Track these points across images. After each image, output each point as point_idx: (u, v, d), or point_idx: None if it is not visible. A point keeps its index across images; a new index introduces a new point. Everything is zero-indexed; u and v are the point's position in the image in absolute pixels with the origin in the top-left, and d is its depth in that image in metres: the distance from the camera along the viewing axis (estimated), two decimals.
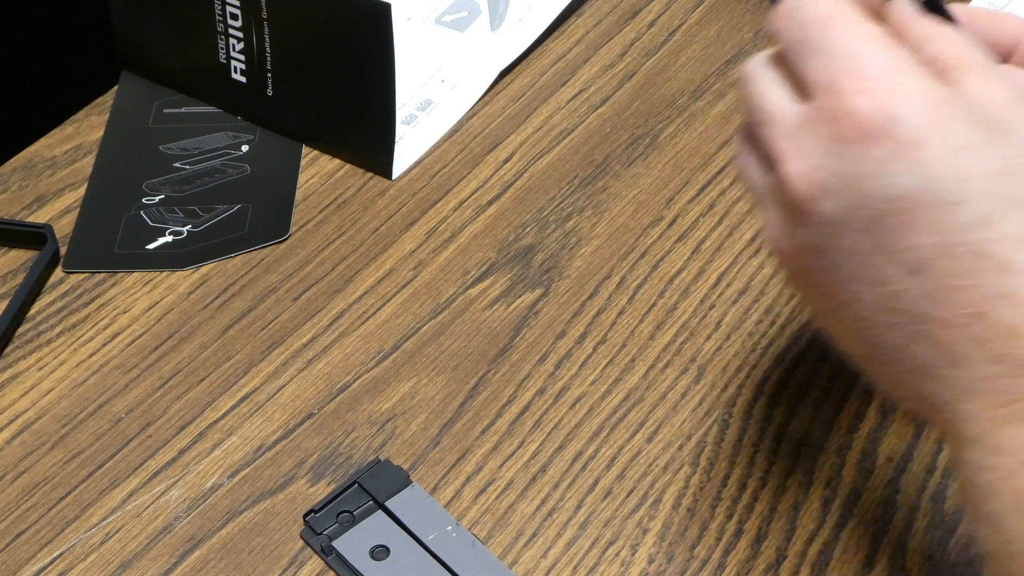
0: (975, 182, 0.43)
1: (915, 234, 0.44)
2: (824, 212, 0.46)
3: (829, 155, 0.45)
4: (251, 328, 0.67)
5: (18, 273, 0.69)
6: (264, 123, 0.77)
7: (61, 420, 0.63)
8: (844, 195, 0.45)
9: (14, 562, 0.58)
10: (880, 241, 0.45)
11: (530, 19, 0.82)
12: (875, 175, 0.44)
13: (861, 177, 0.44)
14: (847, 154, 0.45)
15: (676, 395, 0.63)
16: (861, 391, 0.63)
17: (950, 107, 0.44)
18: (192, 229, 0.71)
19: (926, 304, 0.44)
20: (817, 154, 0.45)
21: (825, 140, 0.45)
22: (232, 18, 0.75)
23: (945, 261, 0.43)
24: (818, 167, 0.45)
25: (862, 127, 0.44)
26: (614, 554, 0.58)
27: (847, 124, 0.44)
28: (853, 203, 0.45)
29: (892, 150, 0.44)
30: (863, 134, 0.44)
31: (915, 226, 0.44)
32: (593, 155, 0.75)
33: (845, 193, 0.45)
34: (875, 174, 0.44)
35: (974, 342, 0.43)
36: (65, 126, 0.77)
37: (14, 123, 1.22)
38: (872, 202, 0.44)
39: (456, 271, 0.69)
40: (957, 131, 0.44)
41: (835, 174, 0.45)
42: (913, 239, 0.44)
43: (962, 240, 0.43)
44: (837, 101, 0.45)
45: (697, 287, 0.68)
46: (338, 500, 0.59)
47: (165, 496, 0.60)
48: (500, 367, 0.65)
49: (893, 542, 0.58)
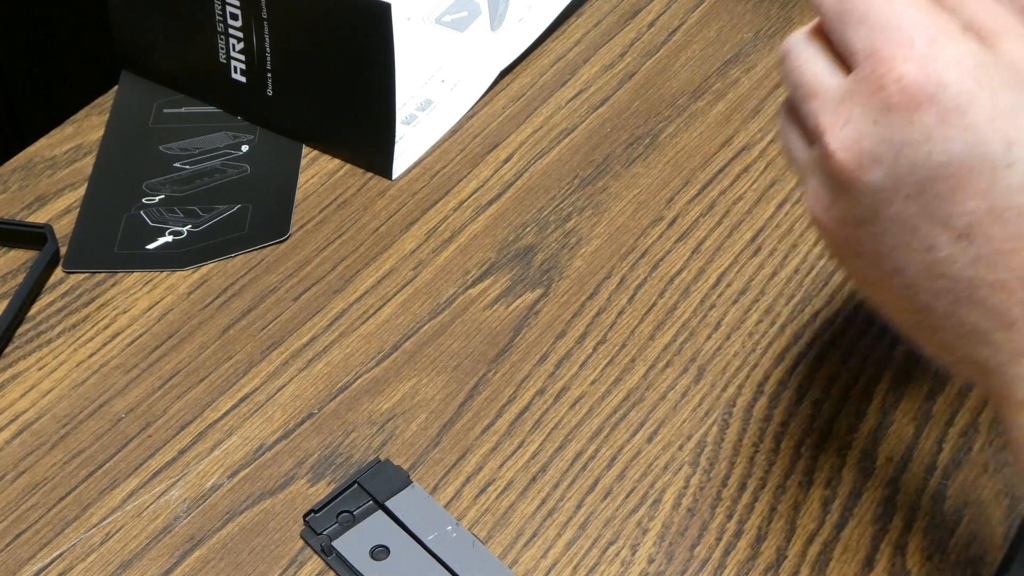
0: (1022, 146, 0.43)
1: (964, 199, 0.44)
2: (871, 181, 0.46)
3: (875, 124, 0.45)
4: (251, 328, 0.67)
5: (18, 273, 0.69)
6: (264, 123, 0.77)
7: (61, 420, 0.63)
8: (892, 163, 0.45)
9: (14, 562, 0.58)
10: (928, 207, 0.45)
11: (530, 19, 0.82)
12: (922, 142, 0.44)
13: (909, 144, 0.44)
14: (894, 122, 0.45)
15: (676, 395, 0.63)
16: (861, 391, 0.63)
17: (995, 71, 0.44)
18: (192, 229, 0.71)
19: (976, 268, 0.44)
20: (863, 123, 0.45)
21: (871, 109, 0.45)
22: (232, 18, 0.75)
23: (995, 225, 0.44)
24: (865, 136, 0.45)
25: (909, 94, 0.44)
26: (614, 554, 0.58)
27: (894, 91, 0.44)
28: (901, 170, 0.45)
29: (939, 116, 0.44)
30: (910, 101, 0.44)
31: (964, 191, 0.44)
32: (593, 155, 0.75)
33: (892, 161, 0.45)
34: (922, 141, 0.44)
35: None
36: (65, 126, 0.77)
37: (14, 123, 1.22)
38: (920, 169, 0.45)
39: (456, 271, 0.69)
40: (1003, 95, 0.44)
41: (883, 142, 0.45)
42: (962, 204, 0.44)
43: (1011, 204, 0.43)
44: (882, 69, 0.45)
45: (697, 287, 0.68)
46: (338, 500, 0.59)
47: (165, 496, 0.60)
48: (500, 367, 0.65)
49: (893, 542, 0.58)
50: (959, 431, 0.62)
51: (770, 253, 0.69)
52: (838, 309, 0.67)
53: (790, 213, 0.71)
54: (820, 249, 0.69)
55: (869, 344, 0.65)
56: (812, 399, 0.63)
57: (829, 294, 0.67)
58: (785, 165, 0.74)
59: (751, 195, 0.72)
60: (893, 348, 0.65)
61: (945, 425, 0.62)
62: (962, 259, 0.45)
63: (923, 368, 0.64)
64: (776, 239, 0.70)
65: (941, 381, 0.64)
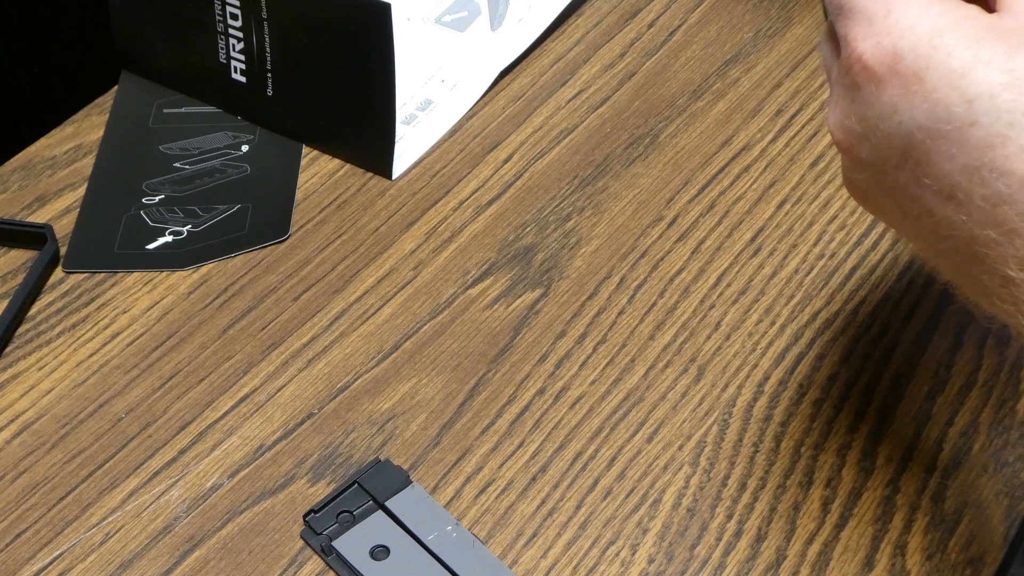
0: (982, 101, 0.44)
1: (939, 162, 0.45)
2: (863, 157, 0.48)
3: (852, 103, 0.47)
4: (251, 328, 0.67)
5: (18, 273, 0.69)
6: (264, 123, 0.77)
7: (61, 420, 0.63)
8: (871, 139, 0.47)
9: (14, 562, 0.58)
10: (915, 175, 0.46)
11: (530, 19, 0.82)
12: (891, 114, 0.46)
13: (881, 118, 0.46)
14: (864, 98, 0.46)
15: (676, 395, 0.63)
16: (861, 391, 0.63)
17: (951, 29, 0.45)
18: (192, 229, 0.71)
19: (970, 228, 0.45)
20: (844, 103, 0.48)
21: (847, 89, 0.47)
22: (232, 18, 0.75)
23: (973, 184, 0.44)
24: (847, 115, 0.47)
25: (870, 70, 0.46)
26: (614, 554, 0.58)
27: (858, 70, 0.46)
28: (881, 144, 0.47)
29: (901, 86, 0.45)
30: (872, 77, 0.46)
31: (938, 154, 0.45)
32: (593, 155, 0.75)
33: (873, 136, 0.47)
34: (891, 113, 0.46)
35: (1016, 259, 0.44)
36: (65, 126, 0.77)
37: (14, 123, 1.22)
38: (894, 140, 0.46)
39: (456, 271, 0.69)
40: (959, 53, 0.44)
41: (861, 120, 0.47)
42: (938, 167, 0.45)
43: (982, 161, 0.44)
44: (847, 51, 0.47)
45: (697, 287, 0.68)
46: (338, 500, 0.59)
47: (165, 496, 0.60)
48: (500, 367, 0.65)
49: (893, 542, 0.58)
50: (959, 431, 0.62)
51: (770, 253, 0.69)
52: (838, 309, 0.67)
53: (790, 213, 0.71)
54: (820, 249, 0.69)
55: (869, 344, 0.65)
56: (812, 399, 0.63)
57: (829, 294, 0.67)
58: (785, 165, 0.74)
59: (751, 195, 0.72)
60: (893, 348, 0.65)
61: (945, 425, 0.62)
62: (957, 219, 0.46)
63: (923, 368, 0.64)
64: (776, 239, 0.70)
65: (941, 381, 0.64)
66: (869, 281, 0.68)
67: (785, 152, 0.74)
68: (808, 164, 0.74)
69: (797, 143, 0.75)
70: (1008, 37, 0.44)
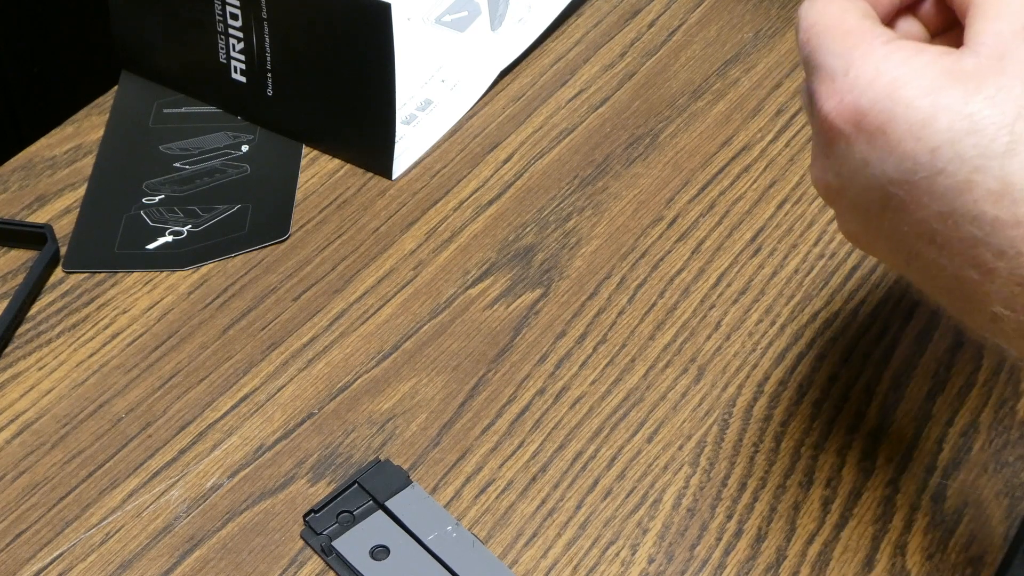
0: (945, 149, 0.44)
1: (915, 210, 0.45)
2: (847, 208, 0.48)
3: (827, 158, 0.47)
4: (251, 328, 0.67)
5: (18, 273, 0.69)
6: (264, 123, 0.77)
7: (61, 420, 0.63)
8: (850, 192, 0.47)
9: (14, 562, 0.58)
10: (895, 223, 0.46)
11: (530, 19, 0.82)
12: (862, 167, 0.46)
13: (854, 172, 0.46)
14: (836, 155, 0.47)
15: (676, 395, 0.63)
16: (861, 391, 0.63)
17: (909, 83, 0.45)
18: (192, 229, 0.71)
19: (953, 269, 0.46)
20: (820, 160, 0.48)
21: (820, 146, 0.48)
22: (232, 18, 0.75)
23: (949, 230, 0.45)
24: (824, 170, 0.48)
25: (836, 129, 0.46)
26: (614, 554, 0.58)
27: (826, 128, 0.47)
28: (860, 196, 0.47)
29: (867, 141, 0.45)
30: (839, 134, 0.46)
31: (913, 203, 0.45)
32: (593, 155, 0.75)
33: (849, 190, 0.47)
34: (862, 167, 0.46)
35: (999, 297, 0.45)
36: (65, 126, 0.77)
37: (14, 123, 1.22)
38: (871, 192, 0.46)
39: (456, 271, 0.69)
40: (918, 104, 0.44)
41: (836, 175, 0.47)
42: (915, 215, 0.45)
43: (953, 208, 0.44)
44: (814, 109, 0.47)
45: (697, 287, 0.68)
46: (338, 500, 0.59)
47: (165, 496, 0.60)
48: (500, 367, 0.65)
49: (893, 542, 0.58)
50: (959, 431, 0.62)
51: (770, 253, 0.69)
52: (838, 309, 0.67)
53: (790, 213, 0.71)
54: (820, 249, 0.69)
55: (869, 344, 0.65)
56: (812, 399, 0.63)
57: (829, 294, 0.67)
58: (785, 165, 0.74)
59: (751, 195, 0.72)
60: (893, 348, 0.65)
61: (945, 425, 0.62)
62: (941, 262, 0.46)
63: (923, 368, 0.64)
64: (776, 239, 0.70)
65: (941, 381, 0.64)
66: (869, 281, 0.68)
67: (785, 152, 0.75)
68: (808, 164, 0.74)
69: (797, 143, 0.75)
70: (966, 81, 0.44)
